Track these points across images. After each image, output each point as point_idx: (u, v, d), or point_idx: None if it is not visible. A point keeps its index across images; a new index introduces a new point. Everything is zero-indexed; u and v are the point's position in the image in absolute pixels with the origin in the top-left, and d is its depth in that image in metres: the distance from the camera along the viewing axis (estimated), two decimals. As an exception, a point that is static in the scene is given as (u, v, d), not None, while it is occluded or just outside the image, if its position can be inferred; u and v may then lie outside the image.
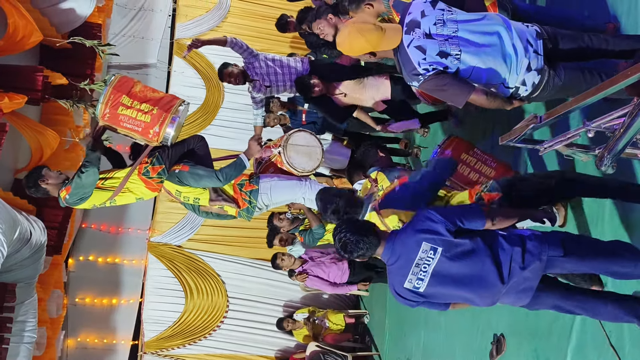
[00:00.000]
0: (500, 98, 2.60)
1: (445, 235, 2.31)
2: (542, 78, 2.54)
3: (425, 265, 2.33)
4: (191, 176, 3.91)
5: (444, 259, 2.32)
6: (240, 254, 7.97)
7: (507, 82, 2.54)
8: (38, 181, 3.77)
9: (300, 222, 5.06)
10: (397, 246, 2.39)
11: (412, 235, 2.35)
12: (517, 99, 2.64)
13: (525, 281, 2.32)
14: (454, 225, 2.32)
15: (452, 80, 2.52)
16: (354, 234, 2.39)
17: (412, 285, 2.36)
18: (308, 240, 4.95)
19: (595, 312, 2.42)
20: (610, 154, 2.15)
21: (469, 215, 2.37)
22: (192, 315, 7.71)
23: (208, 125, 8.17)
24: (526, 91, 2.57)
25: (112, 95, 3.56)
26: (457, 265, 2.32)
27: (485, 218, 2.35)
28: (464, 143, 3.90)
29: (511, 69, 2.51)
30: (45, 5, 4.80)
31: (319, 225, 4.81)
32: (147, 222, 8.01)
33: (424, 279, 2.34)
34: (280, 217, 5.05)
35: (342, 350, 6.70)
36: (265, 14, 8.29)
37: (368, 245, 2.39)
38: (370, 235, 2.40)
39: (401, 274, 2.37)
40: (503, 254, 2.31)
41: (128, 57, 7.80)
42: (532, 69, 2.51)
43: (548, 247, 2.31)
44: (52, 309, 5.78)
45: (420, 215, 2.40)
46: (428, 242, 2.32)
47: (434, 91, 2.62)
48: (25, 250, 4.56)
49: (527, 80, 2.53)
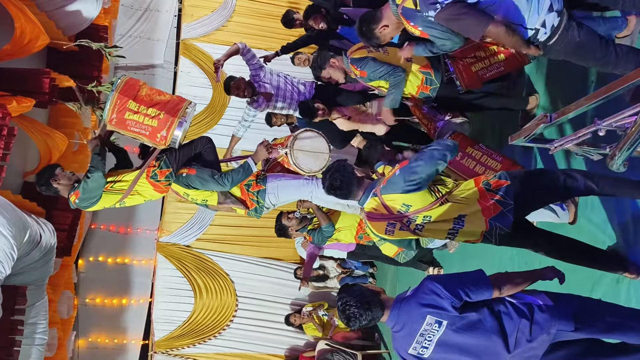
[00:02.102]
0: (519, 34, 2.52)
1: (450, 312, 2.27)
2: (561, 21, 2.48)
3: (430, 336, 2.30)
4: (198, 180, 3.93)
5: (449, 331, 2.29)
6: (248, 253, 7.98)
7: (526, 23, 2.48)
8: (50, 180, 3.81)
9: (309, 221, 5.05)
10: (401, 315, 2.37)
11: (417, 308, 2.32)
12: (534, 45, 2.57)
13: (531, 350, 2.28)
14: (460, 300, 2.28)
15: (470, 9, 2.45)
16: (358, 307, 2.37)
17: (417, 352, 2.34)
18: (317, 239, 4.94)
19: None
20: (622, 153, 2.12)
21: (476, 285, 2.30)
22: (202, 314, 7.74)
23: (215, 124, 8.17)
24: (545, 34, 2.50)
25: (119, 101, 3.57)
26: (463, 337, 2.28)
27: (493, 287, 2.30)
28: (469, 139, 3.89)
29: (532, 7, 2.45)
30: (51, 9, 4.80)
31: (329, 224, 4.80)
32: (155, 222, 8.04)
33: (429, 347, 2.32)
34: (288, 216, 5.05)
35: (352, 349, 6.70)
36: (271, 12, 8.27)
37: (371, 318, 2.39)
38: (374, 308, 2.38)
39: (406, 342, 2.35)
40: (510, 324, 2.27)
41: (134, 58, 7.82)
42: (553, 10, 2.45)
43: (558, 321, 2.25)
44: (62, 310, 5.82)
45: (425, 287, 2.36)
46: (433, 316, 2.29)
47: (450, 21, 2.55)
48: (36, 253, 4.58)
49: (547, 21, 2.47)
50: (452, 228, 2.69)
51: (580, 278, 3.05)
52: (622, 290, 2.92)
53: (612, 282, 2.99)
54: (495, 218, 2.62)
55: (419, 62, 3.91)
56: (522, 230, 2.72)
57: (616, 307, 2.45)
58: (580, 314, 2.30)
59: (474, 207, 2.65)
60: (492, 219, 2.62)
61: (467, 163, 3.68)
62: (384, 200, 2.75)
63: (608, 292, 3.00)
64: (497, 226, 2.63)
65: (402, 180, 2.67)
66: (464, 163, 3.64)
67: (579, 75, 3.47)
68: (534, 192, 2.67)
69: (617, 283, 2.96)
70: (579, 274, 2.94)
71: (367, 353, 6.82)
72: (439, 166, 2.70)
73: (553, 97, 3.82)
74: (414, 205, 2.69)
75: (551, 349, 2.32)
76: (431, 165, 2.67)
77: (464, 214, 2.66)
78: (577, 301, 2.39)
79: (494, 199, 2.62)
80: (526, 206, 2.70)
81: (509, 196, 2.62)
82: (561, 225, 3.46)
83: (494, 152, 3.76)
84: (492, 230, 2.64)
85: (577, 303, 2.37)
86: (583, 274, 2.98)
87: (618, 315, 2.37)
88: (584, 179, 2.61)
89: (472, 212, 2.65)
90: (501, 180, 2.68)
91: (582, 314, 2.30)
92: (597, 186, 2.60)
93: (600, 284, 3.08)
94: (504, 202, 2.61)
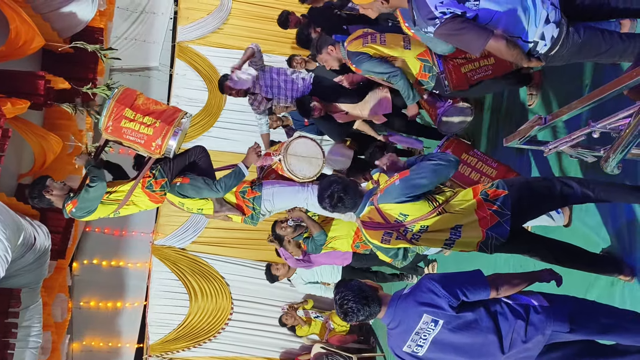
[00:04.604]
0: (519, 48, 2.49)
1: (447, 311, 2.28)
2: (561, 32, 2.46)
3: (426, 334, 2.31)
4: (192, 188, 3.94)
5: (445, 330, 2.29)
6: (244, 256, 7.96)
7: (526, 35, 2.46)
8: (42, 192, 3.80)
9: (304, 229, 5.03)
10: (398, 313, 2.37)
11: (414, 307, 2.33)
12: (535, 57, 2.55)
13: (526, 351, 2.28)
14: (457, 300, 2.28)
15: (469, 25, 2.42)
16: (356, 302, 2.37)
17: (411, 350, 2.34)
18: (311, 247, 4.92)
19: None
20: (616, 155, 2.13)
21: (473, 285, 2.31)
22: (197, 317, 7.71)
23: (211, 127, 8.17)
24: (545, 46, 2.49)
25: (115, 109, 3.60)
26: (458, 336, 2.29)
27: (490, 287, 2.30)
28: (464, 143, 3.89)
29: (530, 20, 2.43)
30: (46, 10, 4.79)
31: (320, 232, 4.79)
32: (150, 225, 8.02)
33: (424, 345, 2.32)
34: (282, 225, 5.04)
35: (347, 352, 6.69)
36: (267, 15, 8.27)
37: (369, 314, 2.39)
38: (372, 304, 2.39)
39: (401, 339, 2.36)
40: (505, 325, 2.27)
41: (130, 60, 7.81)
42: (550, 22, 2.43)
43: (553, 322, 2.26)
44: (57, 313, 5.78)
45: (423, 286, 2.36)
46: (429, 315, 2.29)
47: (450, 36, 2.52)
48: (30, 256, 4.56)
49: (546, 33, 2.45)
50: (449, 238, 2.68)
51: (575, 280, 3.06)
52: (617, 292, 2.93)
53: (607, 284, 3.00)
54: (492, 228, 2.62)
55: (417, 48, 3.85)
56: (518, 238, 2.71)
57: (611, 308, 2.45)
58: (575, 315, 2.30)
59: (471, 217, 2.64)
60: (489, 229, 2.62)
61: (462, 170, 3.70)
62: (381, 209, 2.74)
63: (603, 294, 3.01)
64: (493, 236, 2.62)
65: (401, 191, 2.67)
66: (459, 170, 3.65)
67: (573, 78, 3.48)
68: (531, 201, 2.67)
69: (612, 285, 2.97)
70: (574, 276, 2.95)
71: (363, 356, 6.81)
72: (439, 181, 2.72)
73: (547, 99, 3.84)
74: (411, 215, 2.68)
75: (546, 350, 2.32)
76: (432, 180, 2.68)
77: (461, 224, 2.65)
78: (572, 302, 2.39)
79: (492, 209, 2.62)
80: (523, 215, 2.70)
81: (506, 206, 2.62)
82: (556, 228, 3.47)
83: (489, 158, 3.77)
84: (488, 240, 2.64)
85: (572, 304, 2.37)
86: (578, 276, 2.99)
87: (613, 316, 2.38)
88: (580, 186, 2.61)
89: (469, 222, 2.64)
90: (499, 190, 2.67)
91: (577, 315, 2.30)
92: (593, 193, 2.61)
93: (595, 285, 3.09)
94: (501, 212, 2.61)
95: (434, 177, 2.66)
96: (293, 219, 4.93)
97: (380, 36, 3.87)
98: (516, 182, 2.77)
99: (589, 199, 2.65)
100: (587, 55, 2.58)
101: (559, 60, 2.59)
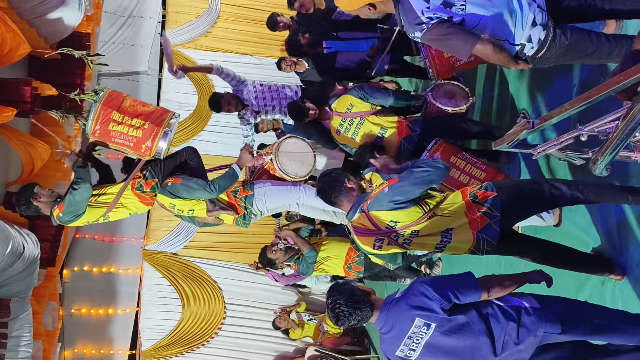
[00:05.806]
0: (507, 51, 2.49)
1: (439, 314, 2.27)
2: (548, 34, 2.46)
3: (419, 338, 2.30)
4: (184, 188, 3.90)
5: (438, 334, 2.29)
6: (236, 260, 7.94)
7: (513, 38, 2.47)
8: (30, 199, 3.75)
9: (295, 252, 5.01)
10: (390, 317, 2.36)
11: (406, 310, 2.32)
12: (522, 60, 2.56)
13: (518, 353, 2.29)
14: (449, 302, 2.28)
15: (456, 29, 2.42)
16: (348, 306, 2.36)
17: (404, 354, 2.33)
18: (302, 267, 4.89)
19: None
20: (604, 157, 2.14)
21: (465, 287, 2.31)
22: (190, 323, 7.68)
23: (201, 131, 8.15)
24: (532, 49, 2.49)
25: (102, 112, 3.55)
26: (451, 339, 2.29)
27: (482, 289, 2.30)
28: (452, 147, 3.90)
29: (517, 23, 2.43)
30: (33, 17, 4.73)
31: (310, 249, 4.77)
32: (141, 230, 7.97)
33: (416, 350, 2.31)
34: (272, 249, 5.02)
35: (341, 354, 6.70)
36: (255, 17, 8.26)
37: (360, 318, 2.38)
38: (364, 308, 2.37)
39: (394, 344, 2.35)
40: (497, 327, 2.27)
41: (118, 64, 7.75)
42: (537, 24, 2.44)
43: (545, 324, 2.26)
44: (47, 322, 5.72)
45: (415, 289, 2.35)
46: (422, 318, 2.29)
47: (437, 41, 2.52)
48: (19, 265, 4.50)
49: (532, 36, 2.46)
50: (440, 242, 2.68)
51: (567, 280, 3.08)
52: (608, 291, 2.95)
53: (598, 283, 3.02)
54: (482, 230, 2.63)
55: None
56: (508, 240, 2.72)
57: (602, 308, 2.47)
58: (567, 316, 2.31)
59: (461, 220, 2.65)
60: (479, 231, 2.63)
61: (451, 173, 3.69)
62: (371, 216, 2.74)
63: (594, 294, 3.03)
64: (484, 238, 2.63)
65: (390, 199, 2.67)
66: (448, 173, 3.65)
67: (561, 81, 3.50)
68: (520, 203, 2.68)
69: (603, 285, 2.99)
70: (565, 276, 2.96)
71: (357, 358, 6.82)
72: (427, 188, 2.72)
73: (536, 102, 3.85)
74: (401, 222, 2.69)
75: (539, 351, 2.33)
76: (420, 188, 2.67)
77: (451, 227, 2.66)
78: (563, 303, 2.40)
79: (481, 211, 2.63)
80: (513, 217, 2.71)
81: (495, 208, 2.63)
82: (546, 228, 3.49)
83: (478, 160, 3.77)
84: (480, 243, 2.65)
85: (563, 305, 2.38)
86: (569, 277, 3.01)
87: (604, 316, 2.39)
88: (569, 189, 2.63)
89: (459, 225, 2.65)
90: (487, 192, 2.68)
91: (568, 316, 2.31)
92: (582, 194, 2.62)
93: (586, 285, 3.10)
94: (491, 214, 2.62)
95: (422, 185, 2.66)
96: (282, 241, 4.91)
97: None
98: (505, 184, 2.78)
99: (578, 201, 2.67)
100: (574, 57, 2.60)
101: (546, 62, 2.60)
